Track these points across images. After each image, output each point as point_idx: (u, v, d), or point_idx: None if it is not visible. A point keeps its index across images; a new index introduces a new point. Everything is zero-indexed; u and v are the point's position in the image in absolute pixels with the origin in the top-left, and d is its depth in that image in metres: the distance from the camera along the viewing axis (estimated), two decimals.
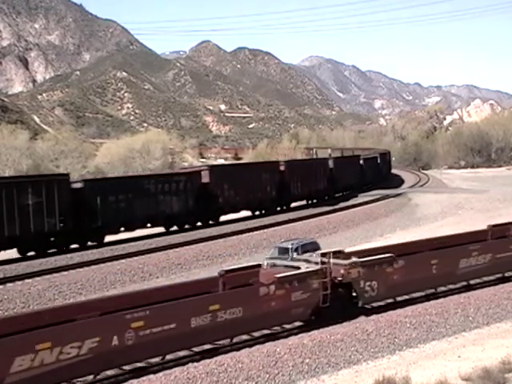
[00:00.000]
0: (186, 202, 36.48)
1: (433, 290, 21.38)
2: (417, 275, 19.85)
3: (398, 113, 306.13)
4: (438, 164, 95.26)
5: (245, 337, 16.90)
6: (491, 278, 23.09)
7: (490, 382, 13.92)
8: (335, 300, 17.70)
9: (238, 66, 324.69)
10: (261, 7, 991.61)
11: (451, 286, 22.09)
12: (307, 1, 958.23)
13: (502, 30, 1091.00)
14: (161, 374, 14.12)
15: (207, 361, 14.84)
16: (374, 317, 18.47)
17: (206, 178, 38.36)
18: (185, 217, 36.70)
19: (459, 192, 55.56)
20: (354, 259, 18.49)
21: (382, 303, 20.11)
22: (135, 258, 28.83)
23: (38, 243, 29.60)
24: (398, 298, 20.40)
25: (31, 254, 29.46)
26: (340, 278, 17.87)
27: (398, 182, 68.09)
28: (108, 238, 33.21)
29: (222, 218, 40.13)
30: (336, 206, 46.03)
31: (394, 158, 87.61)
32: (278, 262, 21.06)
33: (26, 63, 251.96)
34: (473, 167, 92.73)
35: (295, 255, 22.82)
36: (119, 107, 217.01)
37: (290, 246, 23.59)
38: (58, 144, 74.06)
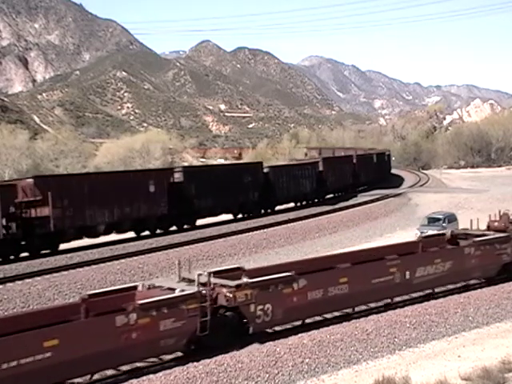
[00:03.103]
0: (312, 184, 47.80)
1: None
2: None
3: (397, 112, 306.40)
4: (437, 164, 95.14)
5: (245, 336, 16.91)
6: None
7: (490, 381, 13.92)
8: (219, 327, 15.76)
9: (238, 65, 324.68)
10: (260, 7, 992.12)
11: (450, 286, 22.09)
12: (306, 1, 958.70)
13: (501, 29, 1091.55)
14: (161, 373, 14.13)
15: (207, 360, 14.85)
16: (373, 317, 18.48)
17: (320, 167, 49.75)
18: (310, 195, 48.21)
19: (459, 192, 55.52)
20: (244, 280, 16.45)
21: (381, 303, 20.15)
22: (135, 257, 28.85)
23: (247, 209, 41.80)
24: (397, 298, 20.29)
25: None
26: (225, 303, 15.87)
27: (398, 181, 68.08)
28: (110, 238, 33.31)
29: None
30: (336, 206, 46.07)
31: (393, 158, 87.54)
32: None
33: (25, 63, 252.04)
34: (473, 167, 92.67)
35: (444, 224, 31.52)
36: (119, 107, 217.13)
37: (442, 217, 32.86)
38: (58, 144, 74.18)
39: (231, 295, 15.68)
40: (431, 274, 20.43)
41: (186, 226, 37.13)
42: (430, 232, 30.79)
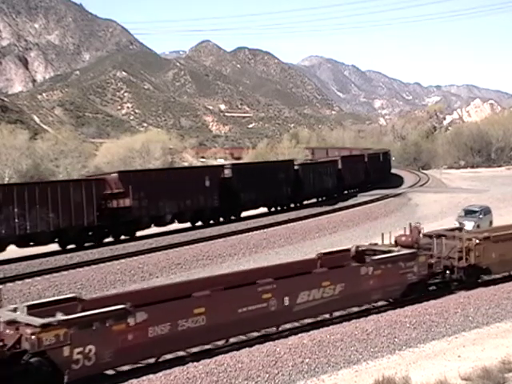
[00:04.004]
0: (333, 180, 51.70)
1: None
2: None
3: (397, 112, 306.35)
4: (437, 164, 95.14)
5: (245, 337, 16.92)
6: None
7: (490, 381, 13.92)
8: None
9: (238, 65, 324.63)
10: (260, 7, 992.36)
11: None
12: (306, 1, 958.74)
13: (501, 29, 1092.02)
14: (161, 373, 14.12)
15: (207, 360, 14.84)
16: (373, 316, 18.47)
17: (340, 165, 54.13)
18: (331, 191, 51.82)
19: (459, 192, 55.52)
20: (58, 316, 13.26)
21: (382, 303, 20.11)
22: (135, 257, 28.83)
23: (281, 203, 45.79)
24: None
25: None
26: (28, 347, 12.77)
27: (398, 181, 68.10)
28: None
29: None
30: (336, 206, 46.09)
31: (393, 158, 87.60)
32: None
33: (25, 63, 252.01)
34: (472, 167, 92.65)
35: (480, 216, 35.12)
36: (119, 107, 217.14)
37: (478, 209, 36.16)
38: (58, 144, 73.92)
39: (34, 337, 12.61)
40: (318, 299, 17.57)
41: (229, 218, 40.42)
42: (467, 223, 33.06)
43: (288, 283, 17.13)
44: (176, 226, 37.47)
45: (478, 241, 21.72)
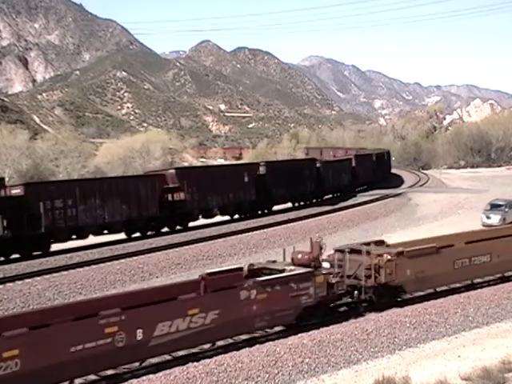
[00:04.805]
0: (348, 177, 53.96)
1: None
2: None
3: (397, 112, 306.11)
4: (437, 164, 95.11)
5: (245, 337, 16.91)
6: None
7: (490, 381, 13.93)
8: None
9: (238, 65, 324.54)
10: (260, 7, 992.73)
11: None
12: (306, 1, 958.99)
13: (501, 29, 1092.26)
14: (161, 373, 14.12)
15: (207, 360, 14.85)
16: (373, 316, 18.47)
17: (353, 163, 56.98)
18: (347, 187, 54.11)
19: (459, 192, 55.53)
20: None
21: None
22: (135, 257, 28.81)
23: (306, 198, 48.19)
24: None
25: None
26: None
27: (398, 181, 68.08)
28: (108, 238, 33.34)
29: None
30: (336, 206, 46.08)
31: (393, 158, 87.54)
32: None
33: (25, 63, 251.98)
34: (472, 167, 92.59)
35: (506, 210, 35.91)
36: (119, 107, 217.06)
37: (504, 203, 36.85)
38: (58, 144, 73.93)
39: None
40: (183, 330, 14.97)
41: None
42: (493, 216, 35.34)
43: (141, 313, 14.45)
44: (219, 218, 40.34)
45: (389, 257, 19.33)
